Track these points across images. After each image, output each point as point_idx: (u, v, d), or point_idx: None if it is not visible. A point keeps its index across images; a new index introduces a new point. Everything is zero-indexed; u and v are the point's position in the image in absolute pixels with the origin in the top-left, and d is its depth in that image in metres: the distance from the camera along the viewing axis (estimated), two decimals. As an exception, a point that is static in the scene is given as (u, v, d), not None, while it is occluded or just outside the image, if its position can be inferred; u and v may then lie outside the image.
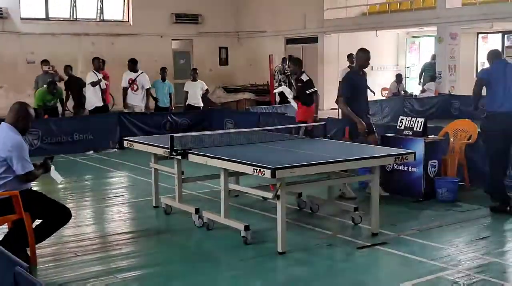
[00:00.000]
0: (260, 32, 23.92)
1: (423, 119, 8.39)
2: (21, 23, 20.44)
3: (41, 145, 12.36)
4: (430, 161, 8.18)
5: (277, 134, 8.33)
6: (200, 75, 15.13)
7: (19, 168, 5.58)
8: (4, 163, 5.58)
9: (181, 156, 6.80)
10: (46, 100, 13.33)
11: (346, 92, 8.28)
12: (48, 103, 13.41)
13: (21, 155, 5.59)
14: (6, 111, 5.85)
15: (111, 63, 20.76)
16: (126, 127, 13.30)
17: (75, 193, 8.54)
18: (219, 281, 5.32)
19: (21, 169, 5.59)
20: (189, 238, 6.72)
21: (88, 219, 7.65)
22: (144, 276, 5.51)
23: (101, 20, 22.55)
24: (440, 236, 6.56)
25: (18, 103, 5.97)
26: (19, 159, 5.57)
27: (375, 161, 6.43)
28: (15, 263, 3.18)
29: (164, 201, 7.70)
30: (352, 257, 5.94)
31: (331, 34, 21.97)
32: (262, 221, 7.21)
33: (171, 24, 23.46)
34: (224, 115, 14.58)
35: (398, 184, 8.37)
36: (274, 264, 5.77)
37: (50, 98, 13.42)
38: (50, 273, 5.61)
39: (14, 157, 5.56)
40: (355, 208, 7.06)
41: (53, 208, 5.82)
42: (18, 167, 5.58)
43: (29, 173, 5.64)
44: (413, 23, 20.10)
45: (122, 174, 10.62)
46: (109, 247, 6.40)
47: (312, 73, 22.34)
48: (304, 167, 5.84)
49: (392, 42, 23.78)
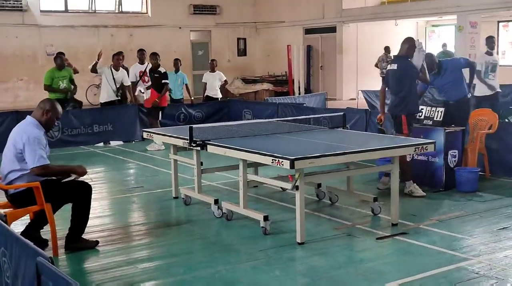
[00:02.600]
0: (278, 22, 23.86)
1: (444, 109, 8.32)
2: (40, 15, 20.58)
3: (61, 137, 12.48)
4: (450, 150, 8.13)
5: (295, 125, 8.32)
6: (218, 66, 15.11)
7: (30, 160, 5.60)
8: (21, 155, 5.64)
9: (200, 147, 6.82)
10: (56, 77, 12.47)
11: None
12: (61, 83, 12.49)
13: (33, 148, 5.61)
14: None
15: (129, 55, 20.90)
16: (142, 119, 13.37)
17: (95, 184, 8.60)
18: (238, 271, 5.34)
19: (32, 161, 5.60)
20: (209, 228, 6.74)
21: (109, 210, 7.71)
22: (164, 266, 5.54)
23: (119, 12, 22.63)
24: (460, 226, 6.52)
25: (45, 99, 6.07)
26: (31, 152, 5.60)
27: (395, 151, 6.40)
28: (38, 254, 3.22)
29: (184, 191, 7.73)
30: (371, 248, 5.93)
31: (350, 23, 21.85)
32: (281, 211, 7.22)
33: (189, 15, 23.49)
34: (243, 106, 14.58)
35: (418, 174, 8.32)
36: (293, 254, 5.78)
37: (59, 75, 12.53)
38: (71, 263, 5.68)
39: (27, 149, 5.60)
40: (374, 198, 7.04)
41: (72, 190, 5.86)
42: (30, 159, 5.60)
43: (42, 167, 5.62)
44: (433, 12, 19.91)
45: (142, 165, 10.67)
46: (130, 237, 6.45)
47: (331, 63, 22.46)
48: (323, 158, 5.83)
49: (411, 31, 23.59)
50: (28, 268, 3.35)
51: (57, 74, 12.43)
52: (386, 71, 8.47)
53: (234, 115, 14.24)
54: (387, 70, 8.31)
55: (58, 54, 12.89)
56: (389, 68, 8.18)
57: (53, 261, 3.12)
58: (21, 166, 5.66)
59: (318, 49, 23.26)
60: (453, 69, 8.76)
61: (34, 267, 3.17)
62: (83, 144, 12.75)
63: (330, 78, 22.68)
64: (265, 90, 21.83)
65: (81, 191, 5.86)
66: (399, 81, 7.97)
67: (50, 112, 5.84)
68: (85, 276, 5.35)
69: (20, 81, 20.33)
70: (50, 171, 5.71)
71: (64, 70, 12.59)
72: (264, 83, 22.48)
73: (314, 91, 21.26)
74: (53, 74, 12.39)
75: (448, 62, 8.97)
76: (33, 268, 3.21)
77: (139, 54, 13.50)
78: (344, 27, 21.91)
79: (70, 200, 5.88)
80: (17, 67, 20.20)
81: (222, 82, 14.82)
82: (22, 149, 5.62)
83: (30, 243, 3.42)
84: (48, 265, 3.04)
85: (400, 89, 7.97)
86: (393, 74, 8.03)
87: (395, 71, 8.00)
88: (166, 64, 14.13)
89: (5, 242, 3.77)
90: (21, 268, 3.47)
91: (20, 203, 5.73)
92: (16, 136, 5.71)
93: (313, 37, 23.29)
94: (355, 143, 6.61)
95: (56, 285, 2.94)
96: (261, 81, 22.95)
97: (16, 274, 3.57)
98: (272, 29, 24.49)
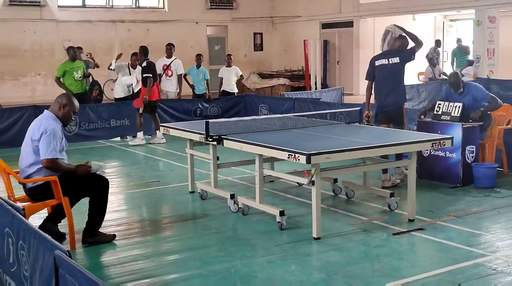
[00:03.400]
0: (295, 17, 23.79)
1: (461, 104, 8.26)
2: (58, 11, 20.69)
3: (78, 131, 12.56)
4: (468, 146, 8.07)
5: (312, 120, 8.30)
6: (234, 61, 15.12)
7: (42, 151, 5.64)
8: (38, 148, 5.68)
9: (216, 142, 6.83)
10: (69, 69, 12.53)
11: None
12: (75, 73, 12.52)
13: (49, 140, 5.64)
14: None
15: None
16: (158, 113, 13.40)
17: (112, 178, 8.65)
18: (254, 265, 5.35)
19: (44, 153, 5.63)
20: (225, 223, 6.76)
21: (126, 204, 7.76)
22: (181, 260, 5.57)
23: (136, 7, 22.68)
24: (477, 222, 6.48)
25: (62, 94, 6.12)
26: (45, 143, 5.63)
27: (412, 147, 6.37)
28: (56, 247, 3.24)
29: (200, 186, 7.76)
30: (387, 243, 5.91)
31: (367, 18, 21.72)
32: (297, 206, 7.22)
33: (205, 10, 23.48)
34: (259, 101, 14.57)
35: (435, 169, 8.28)
36: (310, 249, 5.78)
37: (73, 66, 12.57)
38: (88, 257, 5.72)
39: (41, 140, 5.64)
40: (391, 193, 7.01)
41: (89, 184, 5.89)
42: (42, 150, 5.64)
43: (52, 160, 5.65)
44: (451, 6, 19.73)
45: (158, 159, 10.72)
46: (146, 231, 6.49)
47: (347, 58, 22.37)
48: (339, 153, 5.82)
49: (429, 26, 23.41)
50: (46, 261, 3.38)
51: (70, 65, 12.62)
52: (375, 67, 8.44)
53: (250, 110, 14.24)
54: (378, 65, 8.38)
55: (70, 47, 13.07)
56: (382, 63, 8.33)
57: (71, 255, 3.14)
58: (39, 160, 5.71)
59: (335, 43, 23.18)
60: (474, 99, 8.49)
61: (52, 260, 3.19)
62: (100, 138, 12.83)
63: (347, 73, 22.59)
64: (282, 85, 21.80)
65: (98, 185, 5.89)
66: (394, 75, 8.25)
67: (67, 107, 5.89)
68: (102, 270, 5.38)
69: (38, 75, 20.47)
70: (58, 165, 5.72)
71: (77, 61, 12.81)
72: (280, 78, 22.44)
73: (331, 86, 21.19)
74: (66, 66, 12.55)
75: (472, 88, 8.56)
76: (51, 262, 3.24)
77: (167, 48, 13.86)
78: (361, 22, 21.79)
79: (88, 194, 5.92)
80: (35, 62, 20.34)
81: (238, 77, 14.84)
82: (38, 141, 5.66)
83: (48, 237, 3.45)
84: (66, 259, 3.07)
85: (397, 83, 8.27)
86: (391, 68, 8.26)
87: (393, 65, 8.26)
88: (183, 59, 14.24)
89: (23, 235, 3.80)
90: (39, 261, 3.50)
91: (38, 196, 5.78)
92: (33, 130, 5.76)
93: (330, 31, 23.19)
94: (371, 138, 6.58)
95: (74, 278, 2.96)
96: (278, 76, 22.91)
97: (34, 267, 3.60)
98: (288, 24, 24.42)
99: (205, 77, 14.21)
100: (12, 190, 5.83)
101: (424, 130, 8.03)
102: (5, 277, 4.38)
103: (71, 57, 12.64)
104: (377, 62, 8.38)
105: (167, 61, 13.69)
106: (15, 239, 3.97)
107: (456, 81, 8.54)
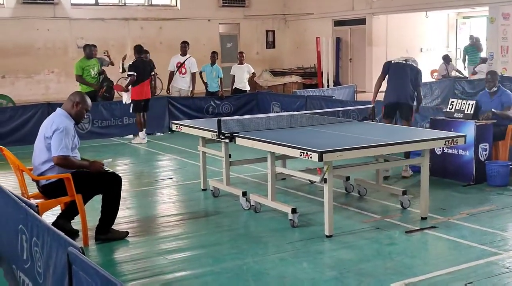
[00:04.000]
0: (307, 14, 23.74)
1: (474, 102, 8.22)
2: (71, 8, 20.77)
3: (91, 128, 12.62)
4: (481, 144, 8.03)
5: (324, 118, 8.29)
6: (247, 58, 15.13)
7: (54, 148, 5.66)
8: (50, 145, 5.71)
9: (229, 139, 6.84)
10: (86, 66, 12.65)
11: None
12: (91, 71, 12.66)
13: (60, 137, 5.67)
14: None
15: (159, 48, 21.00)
16: (171, 111, 13.49)
17: (125, 175, 8.69)
18: (266, 263, 5.36)
19: (55, 150, 5.65)
20: (237, 220, 6.77)
21: (138, 201, 7.78)
22: (193, 257, 5.58)
23: (149, 5, 22.72)
24: (490, 221, 6.45)
25: (75, 92, 6.16)
26: (57, 140, 5.65)
27: (425, 144, 6.35)
28: (69, 244, 3.26)
29: (212, 183, 7.77)
30: (400, 241, 5.89)
31: (380, 15, 21.64)
32: (309, 204, 7.22)
33: (218, 7, 23.49)
34: (271, 98, 14.56)
35: (448, 167, 8.24)
36: (322, 247, 5.77)
37: (89, 63, 12.70)
38: (101, 254, 5.75)
39: (54, 138, 5.67)
40: (403, 191, 6.99)
41: (102, 181, 5.92)
42: (54, 147, 5.66)
43: (63, 157, 5.67)
44: (464, 3, 19.62)
45: (170, 156, 10.75)
46: (159, 228, 6.51)
47: (360, 55, 22.29)
48: (352, 151, 5.81)
49: (442, 23, 23.29)
50: (59, 258, 3.40)
51: (86, 63, 12.73)
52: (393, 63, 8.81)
53: (262, 108, 14.25)
54: (396, 62, 8.74)
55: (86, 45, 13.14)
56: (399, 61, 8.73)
57: (84, 251, 3.16)
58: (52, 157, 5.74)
59: (348, 41, 23.11)
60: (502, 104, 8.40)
61: (66, 257, 3.21)
62: (113, 136, 12.88)
63: (359, 70, 22.52)
64: (294, 82, 21.75)
65: (111, 183, 5.92)
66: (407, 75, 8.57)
67: (80, 105, 5.92)
68: (115, 266, 5.41)
69: (51, 73, 20.57)
70: (69, 162, 5.74)
71: (93, 59, 12.90)
72: (292, 76, 22.39)
73: (343, 84, 21.13)
74: (83, 63, 12.65)
75: (504, 93, 8.54)
76: (64, 258, 3.26)
77: (181, 46, 13.98)
78: (374, 19, 21.70)
79: (101, 191, 5.95)
80: (48, 60, 20.44)
81: (251, 74, 14.84)
82: (50, 138, 5.69)
83: (61, 233, 3.47)
84: (79, 255, 3.08)
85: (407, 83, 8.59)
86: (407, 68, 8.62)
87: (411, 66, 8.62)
88: (195, 57, 14.28)
89: (37, 232, 3.83)
90: (52, 257, 3.52)
91: (51, 193, 5.82)
92: (46, 128, 5.79)
93: (343, 29, 23.12)
94: (384, 135, 6.56)
95: (87, 275, 2.97)
96: (290, 74, 22.86)
97: (47, 263, 3.63)
98: (301, 21, 24.37)
99: (219, 75, 14.25)
100: (26, 187, 5.88)
101: (437, 128, 8.00)
102: (19, 274, 4.41)
103: (87, 55, 12.76)
104: (397, 59, 8.81)
105: (181, 59, 13.78)
106: (29, 235, 3.99)
107: (493, 79, 8.56)
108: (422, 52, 22.25)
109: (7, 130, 11.94)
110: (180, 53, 13.91)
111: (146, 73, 12.36)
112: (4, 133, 11.88)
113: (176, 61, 13.80)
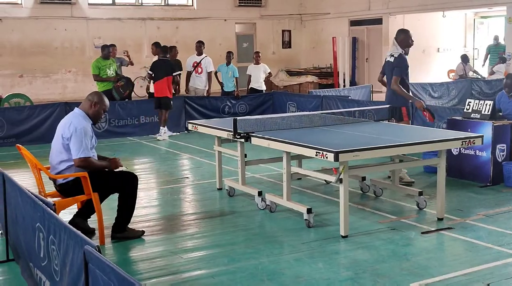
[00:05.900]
0: (323, 14, 23.68)
1: (492, 102, 8.16)
2: (88, 8, 20.88)
3: (108, 128, 12.70)
4: (499, 144, 7.97)
5: (340, 117, 8.27)
6: (263, 58, 15.15)
7: (74, 150, 5.70)
8: (69, 145, 5.74)
9: (244, 139, 6.85)
10: (102, 66, 12.85)
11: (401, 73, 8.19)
12: (108, 70, 12.86)
13: (80, 138, 5.70)
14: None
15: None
16: (187, 111, 13.54)
17: (141, 175, 8.73)
18: (281, 262, 5.36)
19: (76, 152, 5.69)
20: (252, 220, 6.77)
21: (154, 200, 7.81)
22: (208, 256, 5.60)
23: (165, 5, 22.78)
24: (507, 222, 6.40)
25: (93, 92, 6.19)
26: (76, 142, 5.69)
27: (441, 145, 6.31)
28: (85, 242, 3.28)
29: (228, 183, 7.78)
30: (416, 242, 5.87)
31: (396, 15, 21.54)
32: (324, 204, 7.21)
33: (234, 7, 23.50)
34: (287, 98, 14.56)
35: (465, 168, 8.19)
36: (337, 247, 5.76)
37: (105, 63, 12.91)
38: (117, 252, 5.78)
39: (72, 139, 5.71)
40: (420, 192, 6.96)
41: (119, 180, 5.96)
42: (74, 149, 5.70)
43: (84, 159, 5.71)
44: (482, 3, 19.46)
45: (187, 156, 10.78)
46: (174, 227, 6.53)
47: (376, 55, 22.21)
48: (368, 151, 5.79)
49: (459, 23, 23.12)
50: (75, 256, 3.43)
51: (103, 63, 12.93)
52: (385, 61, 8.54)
53: (278, 108, 14.25)
54: (386, 60, 8.46)
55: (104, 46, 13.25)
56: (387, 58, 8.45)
57: (100, 250, 3.18)
58: (69, 156, 5.78)
59: (364, 41, 23.02)
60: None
61: (82, 255, 3.23)
62: (130, 135, 12.95)
63: (375, 70, 22.37)
64: (310, 82, 21.70)
65: (127, 181, 5.95)
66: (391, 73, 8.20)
67: (98, 105, 5.95)
68: (131, 265, 5.44)
69: (68, 73, 20.69)
70: (90, 164, 5.78)
71: (109, 59, 13.09)
72: (308, 76, 22.34)
73: (360, 84, 21.06)
74: (99, 63, 12.82)
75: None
76: (80, 256, 3.28)
77: (197, 46, 14.11)
78: (391, 19, 21.59)
79: (117, 190, 5.98)
80: (65, 59, 20.56)
81: (267, 74, 14.85)
82: (69, 139, 5.73)
83: (78, 232, 3.49)
84: (95, 254, 3.10)
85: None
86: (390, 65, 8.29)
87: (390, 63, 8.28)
88: (212, 57, 14.34)
89: (54, 230, 3.86)
90: (69, 256, 3.55)
91: (68, 192, 5.86)
92: (64, 127, 5.83)
93: (359, 29, 23.04)
94: (400, 135, 6.54)
95: (103, 273, 2.99)
96: (306, 74, 22.81)
97: (64, 261, 3.66)
98: (317, 21, 24.32)
99: (235, 74, 14.30)
100: (43, 186, 5.93)
101: (454, 128, 7.96)
102: (36, 271, 4.45)
103: (104, 56, 12.91)
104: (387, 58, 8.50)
105: (197, 59, 13.86)
106: (46, 234, 4.03)
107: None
108: (439, 52, 22.12)
109: (25, 129, 12.06)
110: (196, 52, 13.99)
111: (162, 72, 12.47)
112: (22, 132, 12.01)
113: (192, 61, 13.89)
